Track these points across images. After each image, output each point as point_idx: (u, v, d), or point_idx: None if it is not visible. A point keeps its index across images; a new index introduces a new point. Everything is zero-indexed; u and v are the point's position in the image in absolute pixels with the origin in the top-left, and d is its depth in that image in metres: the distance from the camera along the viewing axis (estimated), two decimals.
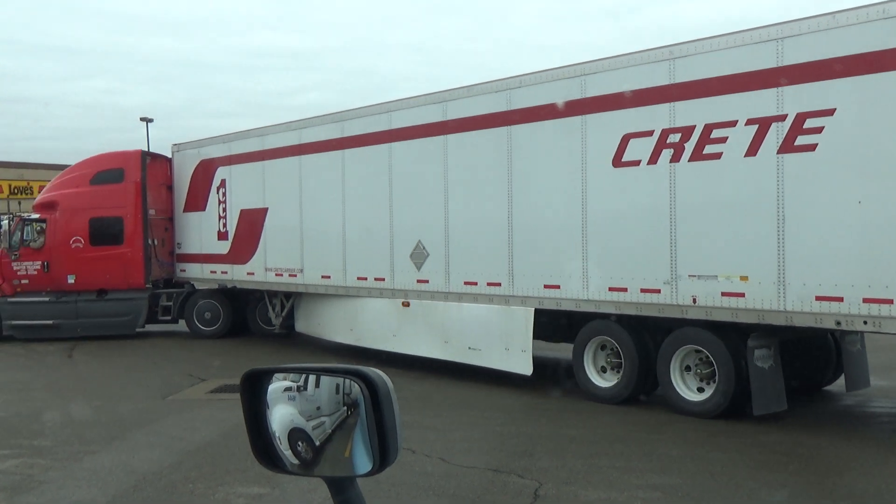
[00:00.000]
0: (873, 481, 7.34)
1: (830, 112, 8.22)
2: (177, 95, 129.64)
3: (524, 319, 11.00)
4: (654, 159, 9.59)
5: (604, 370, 10.49)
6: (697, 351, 9.55)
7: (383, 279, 13.07)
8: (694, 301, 9.23)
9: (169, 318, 17.59)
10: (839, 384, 10.50)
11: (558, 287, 10.59)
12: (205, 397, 11.66)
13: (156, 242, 17.95)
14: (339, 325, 14.27)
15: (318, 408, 1.63)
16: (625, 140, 9.85)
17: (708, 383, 9.45)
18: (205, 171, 16.95)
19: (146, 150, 18.15)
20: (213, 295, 17.22)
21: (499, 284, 11.33)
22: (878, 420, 10.09)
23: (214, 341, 16.83)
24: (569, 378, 10.99)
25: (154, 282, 17.89)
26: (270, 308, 16.25)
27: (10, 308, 17.37)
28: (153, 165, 18.07)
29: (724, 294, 8.97)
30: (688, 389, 9.59)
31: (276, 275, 15.27)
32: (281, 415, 1.66)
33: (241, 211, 16.00)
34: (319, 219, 14.27)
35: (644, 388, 10.14)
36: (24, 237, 17.70)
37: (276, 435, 1.66)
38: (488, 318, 11.49)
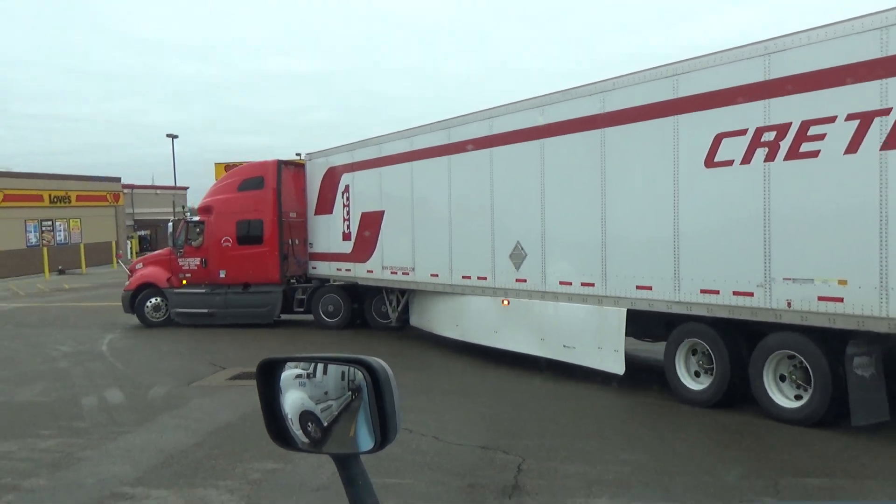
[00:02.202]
0: (815, 456, 7.39)
1: None
2: (198, 114, 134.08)
3: (617, 319, 10.16)
4: (747, 159, 8.53)
5: (697, 374, 9.52)
6: (792, 356, 8.42)
7: (485, 278, 12.55)
8: (788, 305, 8.13)
9: (302, 309, 17.84)
10: None
11: (650, 288, 9.69)
12: (225, 383, 11.65)
13: (296, 242, 18.25)
14: (446, 320, 13.88)
15: (326, 393, 1.66)
16: (717, 140, 8.84)
17: (805, 390, 8.32)
18: (331, 177, 17.00)
19: (280, 159, 18.40)
20: (336, 290, 17.28)
21: (592, 285, 10.54)
22: None
23: (232, 332, 16.99)
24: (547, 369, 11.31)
25: (295, 277, 18.21)
26: (388, 303, 16.10)
27: (177, 298, 18.25)
28: (296, 173, 18.35)
29: (820, 298, 7.83)
30: (782, 396, 8.47)
31: (392, 273, 15.07)
32: (293, 399, 1.69)
33: (362, 214, 15.91)
34: (428, 220, 13.92)
35: (737, 393, 9.06)
36: (188, 237, 18.48)
37: (289, 417, 1.69)
38: (582, 317, 10.72)
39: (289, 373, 1.71)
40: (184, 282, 18.33)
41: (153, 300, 18.44)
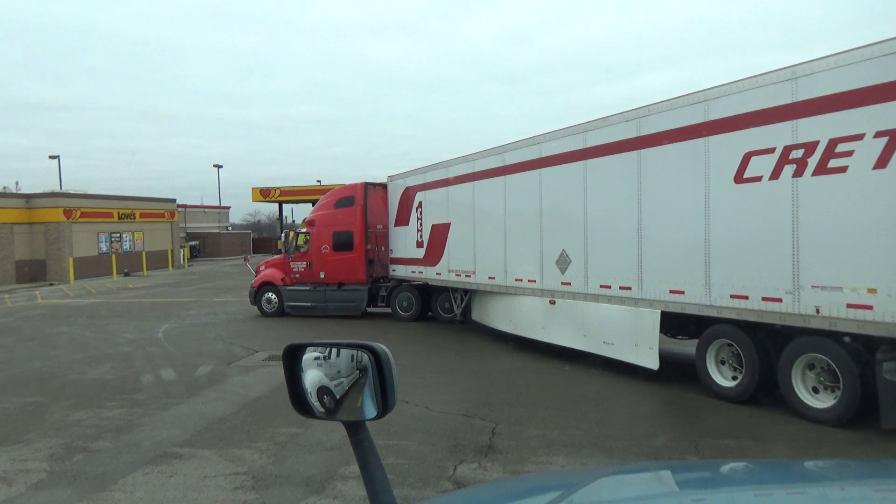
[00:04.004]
0: (728, 422, 7.34)
1: None
2: (240, 148, 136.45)
3: (651, 320, 9.13)
4: (776, 175, 7.41)
5: (734, 378, 8.37)
6: (820, 359, 7.25)
7: (535, 281, 11.67)
8: (817, 311, 6.97)
9: (384, 304, 17.33)
10: None
11: (683, 293, 8.64)
12: (258, 364, 11.36)
13: (381, 248, 17.75)
14: (501, 316, 13.05)
15: (339, 371, 1.64)
16: (746, 158, 7.74)
17: (832, 391, 7.14)
18: (407, 195, 16.40)
19: (367, 181, 17.96)
20: (409, 288, 16.63)
21: (629, 288, 9.53)
22: None
23: (265, 323, 16.58)
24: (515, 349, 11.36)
25: (381, 278, 17.72)
26: (453, 301, 15.35)
27: (289, 293, 18.05)
28: (382, 193, 17.82)
29: (849, 306, 6.66)
30: (810, 396, 7.32)
31: (456, 275, 14.33)
32: (311, 376, 1.67)
33: (432, 225, 15.24)
34: (487, 231, 13.11)
35: (765, 391, 7.92)
36: (297, 245, 18.24)
37: (308, 391, 1.67)
38: (620, 317, 9.72)
39: (309, 355, 1.69)
40: (294, 281, 18.11)
41: (267, 295, 18.29)
